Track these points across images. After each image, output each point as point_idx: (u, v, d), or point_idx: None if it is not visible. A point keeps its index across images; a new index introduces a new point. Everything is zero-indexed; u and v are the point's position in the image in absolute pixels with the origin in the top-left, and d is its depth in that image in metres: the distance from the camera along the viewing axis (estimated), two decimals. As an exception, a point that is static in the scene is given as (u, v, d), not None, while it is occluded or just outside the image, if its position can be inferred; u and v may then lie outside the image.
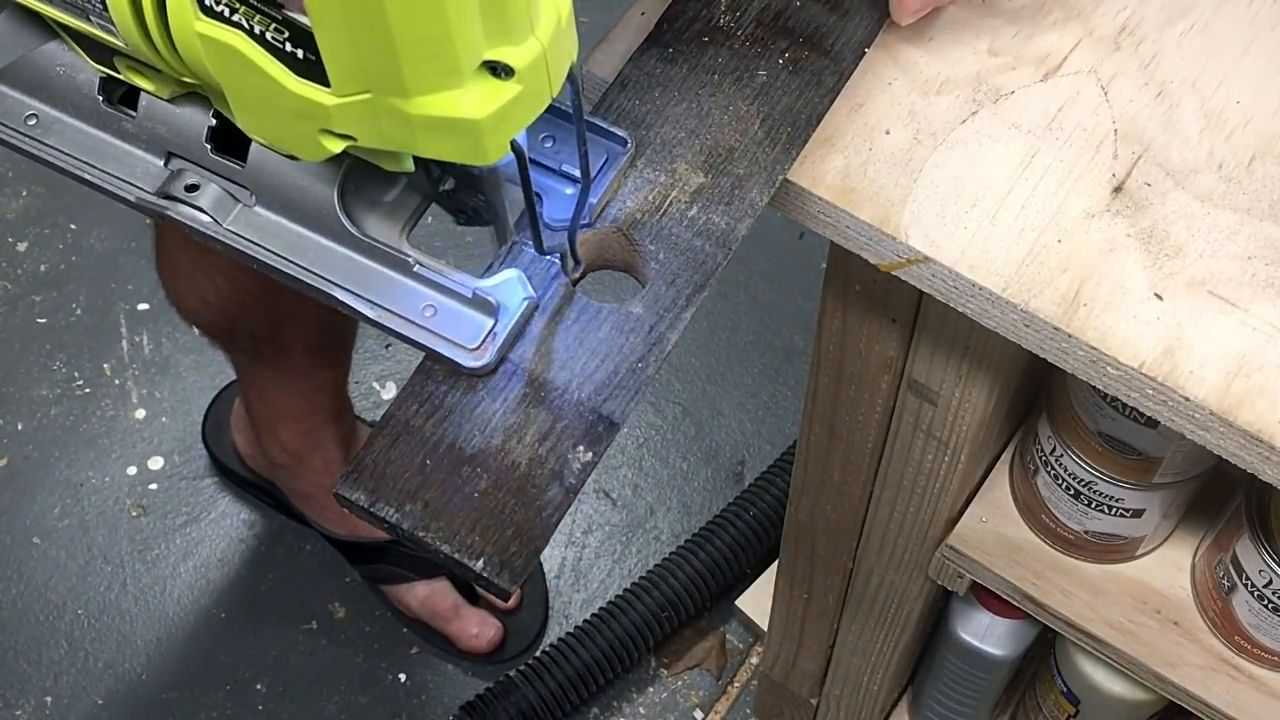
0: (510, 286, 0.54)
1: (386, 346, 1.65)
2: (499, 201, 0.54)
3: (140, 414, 1.62)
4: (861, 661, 1.09)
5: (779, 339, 1.67)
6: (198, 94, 0.55)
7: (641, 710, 1.47)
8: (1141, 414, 0.60)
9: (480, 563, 0.51)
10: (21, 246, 1.72)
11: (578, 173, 0.56)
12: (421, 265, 0.54)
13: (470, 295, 0.54)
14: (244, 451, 1.52)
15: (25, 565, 1.53)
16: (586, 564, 1.55)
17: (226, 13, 0.47)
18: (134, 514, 1.56)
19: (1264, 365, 0.57)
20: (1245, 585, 0.78)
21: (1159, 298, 0.59)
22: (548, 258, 0.56)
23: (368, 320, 0.55)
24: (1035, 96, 0.64)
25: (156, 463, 1.59)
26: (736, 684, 1.48)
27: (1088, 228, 0.60)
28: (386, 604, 1.50)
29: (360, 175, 0.55)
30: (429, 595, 1.45)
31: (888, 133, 0.63)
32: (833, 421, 0.85)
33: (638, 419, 1.61)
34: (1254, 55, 0.65)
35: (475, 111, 0.46)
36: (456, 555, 0.51)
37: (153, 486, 1.58)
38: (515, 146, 0.49)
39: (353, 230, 0.54)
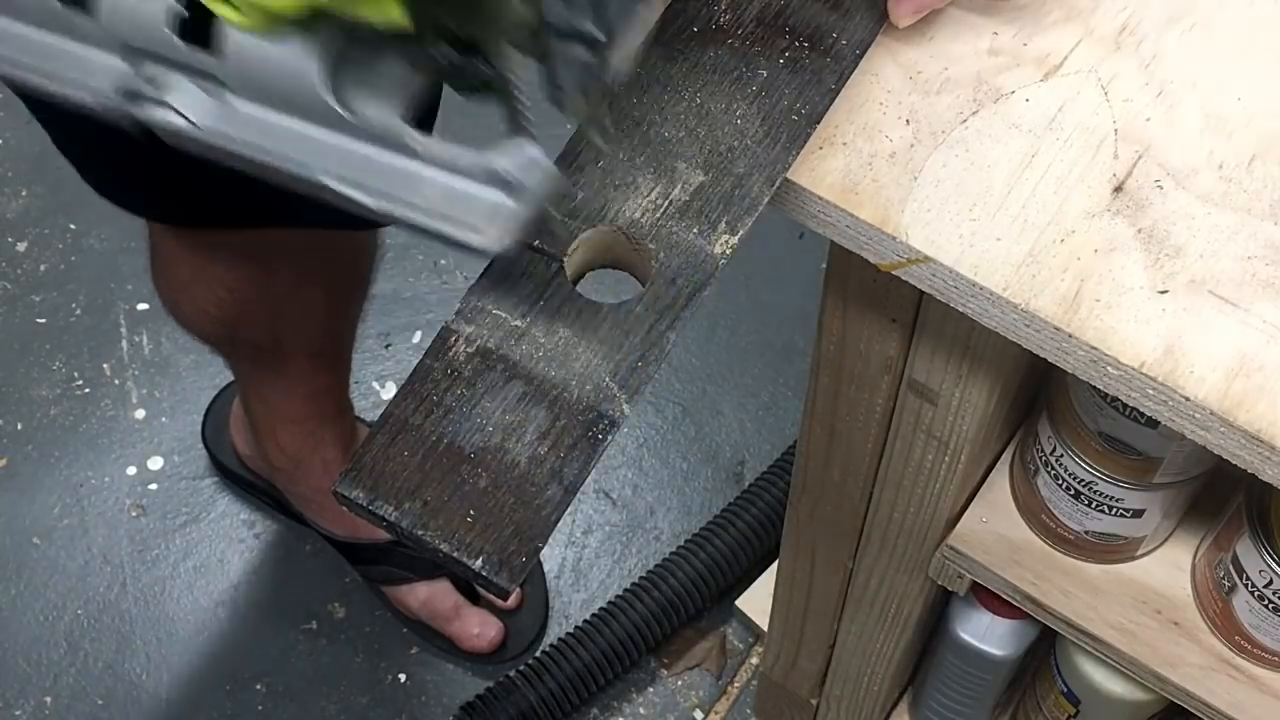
0: (527, 160, 0.50)
1: (386, 346, 1.65)
2: (502, 61, 0.50)
3: (140, 414, 1.62)
4: (861, 661, 1.09)
5: (779, 339, 1.67)
6: None
7: (641, 710, 1.47)
8: (1141, 414, 0.60)
9: (479, 561, 0.51)
10: (21, 246, 1.72)
11: (592, 29, 0.51)
12: (424, 145, 0.50)
13: (483, 172, 0.49)
14: (243, 452, 1.52)
15: (25, 565, 1.53)
16: (586, 564, 1.55)
17: None
18: (134, 514, 1.56)
19: (1264, 365, 0.57)
20: (1245, 585, 0.78)
21: (1159, 297, 0.59)
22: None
23: (370, 211, 0.50)
24: (1035, 96, 0.64)
25: (156, 463, 1.59)
26: (736, 684, 1.48)
27: (1088, 227, 0.60)
28: (387, 605, 1.50)
29: (350, 54, 0.50)
30: (430, 596, 1.45)
31: (888, 132, 0.63)
32: (833, 421, 0.85)
33: (638, 419, 1.61)
34: (1254, 55, 0.65)
35: None
36: (455, 554, 0.51)
37: (153, 486, 1.58)
38: None
39: (344, 114, 0.50)
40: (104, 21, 0.51)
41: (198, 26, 0.50)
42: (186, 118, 0.51)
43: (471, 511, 0.51)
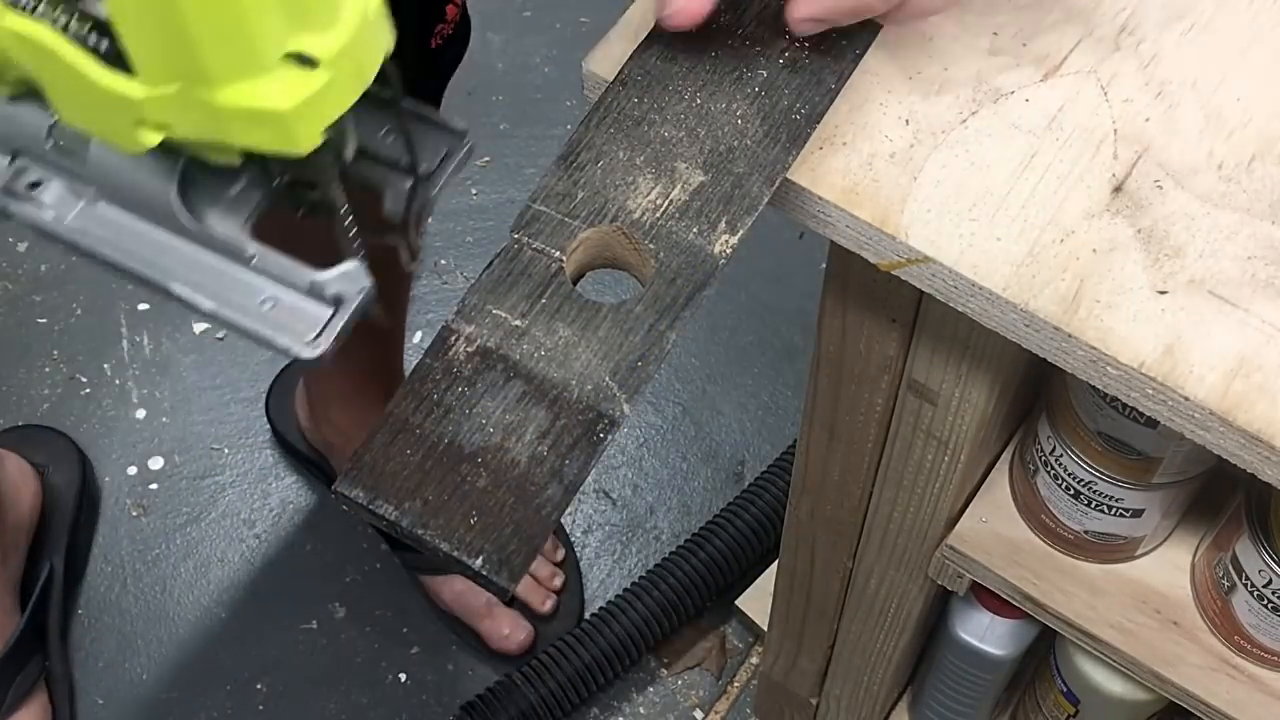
0: (349, 278, 0.54)
1: (387, 346, 1.65)
2: (333, 195, 0.55)
3: (140, 414, 1.62)
4: (861, 661, 1.09)
5: (779, 339, 1.67)
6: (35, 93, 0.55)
7: (641, 710, 1.47)
8: (1141, 414, 0.60)
9: (479, 560, 0.51)
10: (22, 246, 1.72)
11: (410, 162, 0.56)
12: (260, 258, 0.55)
13: (308, 287, 0.54)
14: (304, 425, 1.54)
15: (25, 565, 1.53)
16: (586, 564, 1.55)
17: (31, 6, 0.47)
18: (134, 514, 1.56)
19: (1264, 365, 0.57)
20: (1245, 585, 0.78)
21: (1159, 297, 0.59)
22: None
23: (206, 315, 0.55)
24: (1035, 96, 0.64)
25: (156, 463, 1.59)
26: (736, 684, 1.48)
27: (1088, 227, 0.60)
28: (421, 592, 1.51)
29: (202, 171, 0.55)
30: (464, 590, 1.46)
31: (888, 132, 0.63)
32: (833, 421, 0.85)
33: (638, 419, 1.61)
34: (1254, 55, 0.65)
35: (281, 102, 0.47)
36: (455, 553, 0.51)
37: (153, 486, 1.58)
38: (330, 138, 0.49)
39: (191, 225, 0.54)
40: None
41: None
42: (54, 214, 0.56)
43: (472, 511, 0.51)
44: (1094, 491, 0.80)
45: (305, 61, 0.47)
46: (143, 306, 1.68)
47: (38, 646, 1.42)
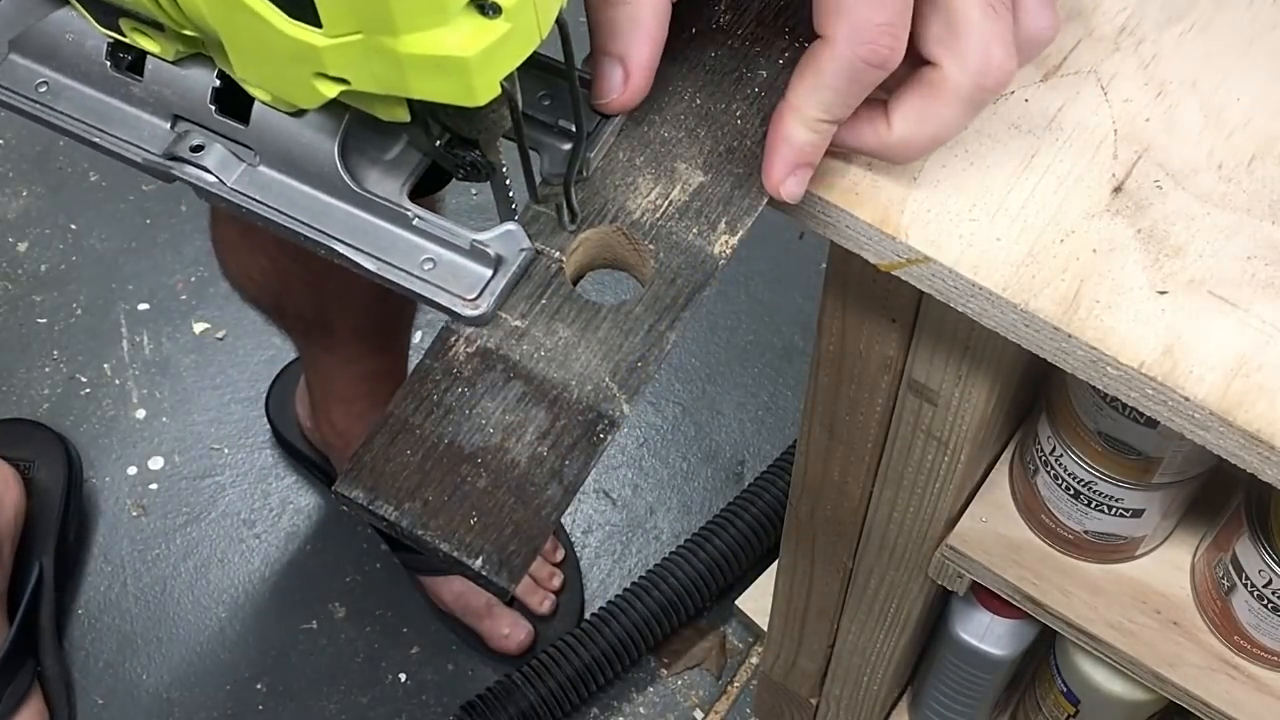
0: (509, 239, 0.55)
1: (387, 346, 1.65)
2: (494, 155, 0.55)
3: (140, 414, 1.62)
4: (861, 661, 1.09)
5: (779, 339, 1.67)
6: (201, 56, 0.56)
7: (641, 710, 1.47)
8: (1141, 414, 0.60)
9: (479, 561, 0.51)
10: (22, 246, 1.72)
11: (574, 127, 0.56)
12: (421, 219, 0.56)
13: (468, 247, 0.55)
14: (305, 424, 1.54)
15: (25, 565, 1.53)
16: (586, 564, 1.55)
17: None
18: (134, 514, 1.56)
19: (1264, 365, 0.57)
20: (1245, 585, 0.78)
21: (1159, 297, 0.59)
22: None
23: (368, 273, 0.56)
24: (1035, 96, 0.64)
25: (156, 463, 1.59)
26: (736, 684, 1.48)
27: (1087, 228, 0.60)
28: (421, 592, 1.51)
29: (361, 133, 0.56)
30: (464, 590, 1.46)
31: (888, 132, 0.63)
32: (833, 421, 0.85)
33: (638, 419, 1.61)
34: (1254, 55, 0.65)
35: (463, 49, 0.47)
36: (455, 554, 0.51)
37: (153, 486, 1.58)
38: (505, 89, 0.49)
39: (353, 186, 0.55)
40: (150, 88, 0.57)
41: (230, 98, 0.56)
42: (217, 177, 0.57)
43: (472, 511, 0.52)
44: (1094, 491, 0.80)
45: (486, 9, 0.47)
46: (143, 306, 1.68)
47: (30, 652, 1.42)
